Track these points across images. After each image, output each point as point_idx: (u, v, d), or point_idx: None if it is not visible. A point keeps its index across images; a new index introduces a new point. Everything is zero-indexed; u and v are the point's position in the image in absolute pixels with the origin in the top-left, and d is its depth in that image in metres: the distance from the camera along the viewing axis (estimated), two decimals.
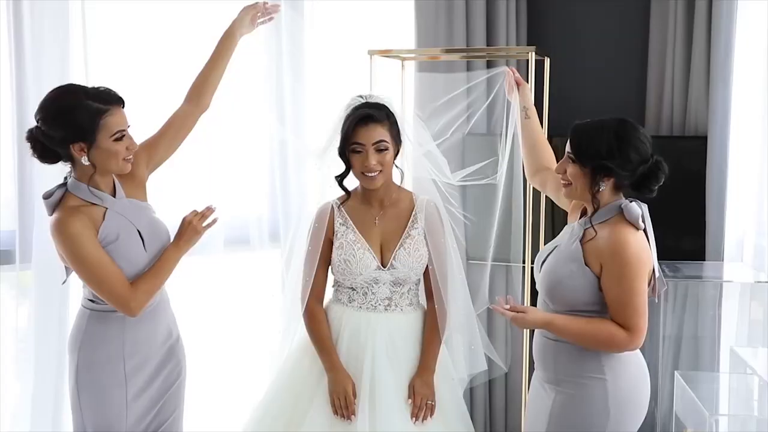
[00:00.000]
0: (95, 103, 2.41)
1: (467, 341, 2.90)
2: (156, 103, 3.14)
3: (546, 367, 2.53)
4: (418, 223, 2.75)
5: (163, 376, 2.64)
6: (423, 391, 2.69)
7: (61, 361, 3.16)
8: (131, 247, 2.52)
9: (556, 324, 2.42)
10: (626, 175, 2.38)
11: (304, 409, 2.70)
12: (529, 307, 2.48)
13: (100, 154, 2.45)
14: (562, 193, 2.53)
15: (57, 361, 3.21)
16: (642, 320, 2.36)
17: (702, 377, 3.50)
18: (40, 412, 3.21)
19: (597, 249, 2.39)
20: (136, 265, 2.52)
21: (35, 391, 3.20)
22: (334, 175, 2.78)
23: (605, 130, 2.38)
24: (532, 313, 2.44)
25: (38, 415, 3.21)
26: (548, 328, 2.44)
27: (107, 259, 2.45)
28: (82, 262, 2.44)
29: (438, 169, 2.87)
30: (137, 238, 2.55)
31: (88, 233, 2.44)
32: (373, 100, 2.72)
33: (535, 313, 2.45)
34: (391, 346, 2.71)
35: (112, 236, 2.49)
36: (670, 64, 4.11)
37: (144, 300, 2.50)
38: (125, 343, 2.54)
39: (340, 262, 2.72)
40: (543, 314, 2.45)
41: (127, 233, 2.53)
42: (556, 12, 4.46)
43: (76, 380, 2.54)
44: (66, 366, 2.64)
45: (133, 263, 2.52)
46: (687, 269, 3.76)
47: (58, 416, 3.26)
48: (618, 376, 2.42)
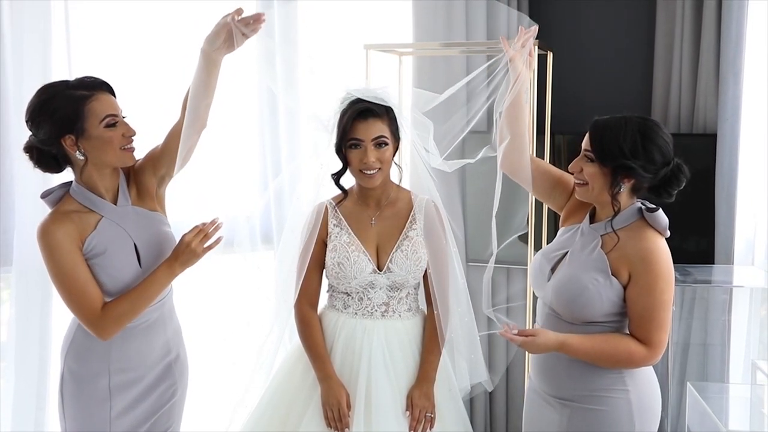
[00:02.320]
0: (77, 91, 2.36)
1: (468, 349, 2.84)
2: (144, 103, 3.13)
3: (553, 383, 2.45)
4: (416, 224, 2.69)
5: (157, 394, 2.58)
6: (422, 402, 2.62)
7: (43, 363, 3.16)
8: (121, 262, 2.44)
9: (570, 345, 2.32)
10: (648, 177, 2.30)
11: (296, 421, 2.64)
12: (538, 330, 2.37)
13: (92, 144, 2.37)
14: (576, 193, 2.44)
15: (38, 363, 3.19)
16: (664, 336, 2.31)
17: (713, 388, 3.44)
18: (21, 414, 3.20)
19: (626, 257, 2.31)
20: (122, 282, 2.44)
21: (16, 394, 3.18)
22: (330, 173, 2.70)
23: (629, 128, 2.29)
24: (543, 336, 2.33)
25: (20, 419, 3.19)
26: (562, 350, 2.34)
27: (83, 275, 2.38)
28: (54, 275, 2.38)
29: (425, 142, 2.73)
30: (131, 252, 2.47)
31: (69, 244, 2.37)
32: (370, 93, 2.64)
33: (545, 336, 2.33)
34: (389, 354, 2.65)
35: (99, 248, 2.41)
36: (678, 58, 4.07)
37: (113, 326, 2.41)
38: (111, 359, 2.48)
39: (333, 265, 2.65)
40: (555, 336, 2.34)
41: (120, 245, 2.45)
42: (559, 5, 4.43)
43: (61, 388, 2.51)
44: (48, 368, 2.64)
45: (120, 279, 2.44)
46: (695, 273, 3.72)
47: (40, 418, 3.24)
48: (639, 386, 2.37)
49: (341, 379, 2.62)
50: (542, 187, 2.62)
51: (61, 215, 2.40)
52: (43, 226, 2.38)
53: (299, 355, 2.72)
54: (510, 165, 2.61)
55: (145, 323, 2.51)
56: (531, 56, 2.69)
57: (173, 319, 2.65)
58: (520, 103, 2.57)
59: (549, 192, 2.61)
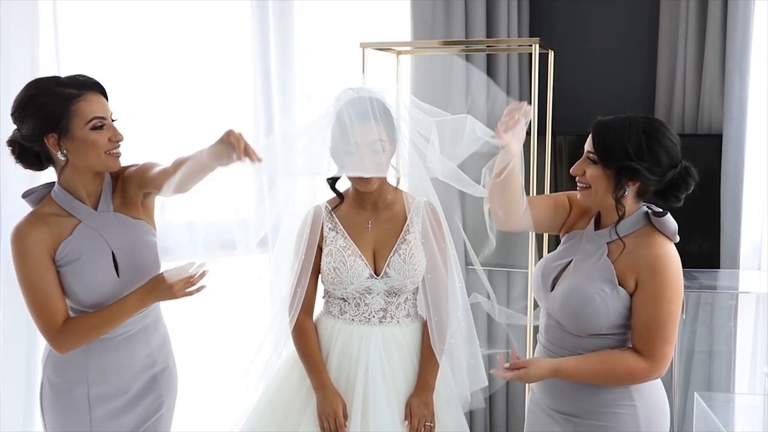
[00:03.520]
0: (66, 89, 2.30)
1: (467, 355, 2.80)
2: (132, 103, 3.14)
3: (557, 397, 2.39)
4: (414, 227, 2.66)
5: (143, 406, 2.53)
6: (421, 411, 2.59)
7: (30, 368, 3.17)
8: (96, 270, 2.37)
9: (565, 371, 2.27)
10: (654, 180, 2.23)
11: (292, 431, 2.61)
12: (530, 361, 2.32)
13: (75, 145, 2.30)
14: (578, 197, 2.37)
15: (26, 368, 3.19)
16: (669, 349, 2.23)
17: (720, 398, 3.41)
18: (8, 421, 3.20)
19: (633, 264, 2.24)
20: (98, 291, 2.38)
21: (3, 400, 3.18)
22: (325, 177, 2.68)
23: (633, 128, 2.23)
24: (535, 366, 2.28)
25: (6, 425, 3.20)
26: (558, 377, 2.30)
27: (47, 287, 2.33)
28: (19, 281, 2.34)
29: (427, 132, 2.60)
30: (108, 260, 2.40)
31: (38, 252, 2.32)
32: (366, 93, 2.60)
33: (537, 365, 2.29)
34: (387, 362, 2.62)
35: (73, 254, 2.35)
36: (682, 56, 4.03)
37: (70, 343, 2.37)
38: (90, 369, 2.43)
39: (329, 270, 2.62)
40: (547, 363, 2.29)
41: (96, 253, 2.38)
42: (560, 2, 4.40)
43: (41, 396, 2.48)
44: (35, 374, 2.65)
45: (96, 289, 2.37)
46: (700, 278, 3.68)
47: (28, 426, 3.25)
48: (647, 401, 2.31)
49: (338, 387, 2.59)
50: (545, 224, 2.52)
51: (37, 218, 2.35)
52: (16, 228, 2.34)
53: (295, 362, 2.68)
54: (504, 223, 2.48)
55: (126, 334, 2.45)
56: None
57: (159, 329, 2.58)
58: (515, 173, 2.41)
59: (551, 223, 2.51)
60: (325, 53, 3.87)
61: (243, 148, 2.14)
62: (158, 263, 2.48)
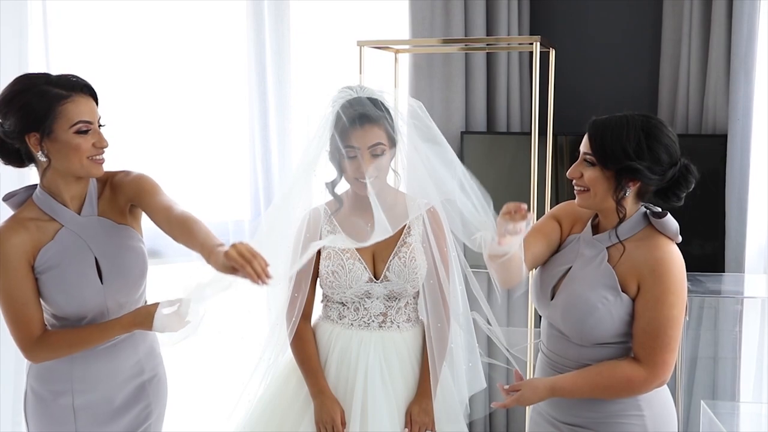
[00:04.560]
0: (54, 89, 2.23)
1: (466, 357, 2.78)
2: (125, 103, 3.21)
3: (562, 408, 2.35)
4: (414, 230, 2.63)
5: (131, 415, 2.48)
6: (421, 419, 2.57)
7: (18, 373, 3.16)
8: (78, 276, 2.31)
9: (562, 389, 2.25)
10: (655, 179, 2.19)
11: None
12: (523, 383, 2.29)
13: (57, 147, 2.24)
14: (576, 201, 2.32)
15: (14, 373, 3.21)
16: (670, 356, 2.19)
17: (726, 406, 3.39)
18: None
19: (635, 268, 2.20)
20: (81, 299, 2.32)
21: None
22: (324, 181, 2.64)
23: (631, 127, 2.18)
24: (529, 388, 2.26)
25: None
26: (555, 396, 2.27)
27: (23, 297, 2.28)
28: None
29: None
30: (90, 266, 2.34)
31: (16, 260, 2.27)
32: (365, 93, 2.57)
33: (532, 387, 2.26)
34: (386, 368, 2.60)
35: (54, 261, 2.30)
36: (686, 54, 4.02)
37: (45, 355, 2.33)
38: (74, 378, 2.39)
39: (327, 274, 2.59)
40: (543, 383, 2.27)
41: (78, 259, 2.32)
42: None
43: (25, 405, 2.46)
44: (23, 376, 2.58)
45: (78, 296, 2.31)
46: (705, 282, 3.68)
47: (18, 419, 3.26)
48: (654, 409, 2.28)
49: (336, 394, 2.57)
50: (544, 257, 2.44)
51: (17, 223, 2.31)
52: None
53: (292, 367, 2.66)
54: (505, 287, 2.43)
55: (111, 342, 2.39)
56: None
57: (147, 337, 2.52)
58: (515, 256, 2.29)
59: (550, 252, 2.43)
60: (321, 51, 3.90)
61: (253, 271, 2.00)
62: (145, 270, 2.43)
